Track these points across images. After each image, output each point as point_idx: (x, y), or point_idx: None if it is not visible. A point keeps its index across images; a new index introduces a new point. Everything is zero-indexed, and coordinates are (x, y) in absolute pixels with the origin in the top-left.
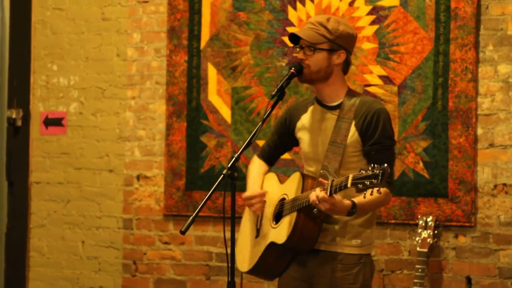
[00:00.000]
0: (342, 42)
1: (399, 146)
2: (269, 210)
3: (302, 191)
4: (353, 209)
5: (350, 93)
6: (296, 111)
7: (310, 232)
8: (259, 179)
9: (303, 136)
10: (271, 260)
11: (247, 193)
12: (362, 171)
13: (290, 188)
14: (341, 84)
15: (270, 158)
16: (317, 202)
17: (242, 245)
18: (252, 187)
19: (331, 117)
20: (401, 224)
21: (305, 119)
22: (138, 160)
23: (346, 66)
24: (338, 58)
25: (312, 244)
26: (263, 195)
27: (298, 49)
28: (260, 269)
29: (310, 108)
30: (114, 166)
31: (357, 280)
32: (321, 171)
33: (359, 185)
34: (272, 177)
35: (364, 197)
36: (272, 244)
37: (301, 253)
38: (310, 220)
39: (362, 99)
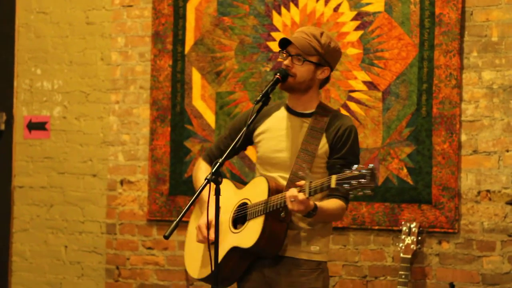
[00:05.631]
0: (330, 59)
1: (383, 152)
2: (225, 216)
3: (269, 195)
4: (314, 211)
5: (323, 105)
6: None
7: (277, 236)
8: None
9: (264, 141)
10: (230, 266)
11: (203, 221)
12: (346, 171)
13: (253, 192)
14: (316, 96)
15: None
16: (292, 201)
17: (194, 251)
18: (205, 214)
19: (302, 124)
20: (385, 230)
21: (269, 124)
22: (121, 164)
23: (325, 81)
24: (322, 74)
25: (278, 249)
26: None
27: (284, 55)
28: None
29: (275, 114)
30: (98, 170)
31: (316, 284)
32: (299, 172)
33: (345, 185)
34: (227, 183)
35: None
36: (235, 249)
37: (263, 258)
38: (277, 224)
39: (335, 113)
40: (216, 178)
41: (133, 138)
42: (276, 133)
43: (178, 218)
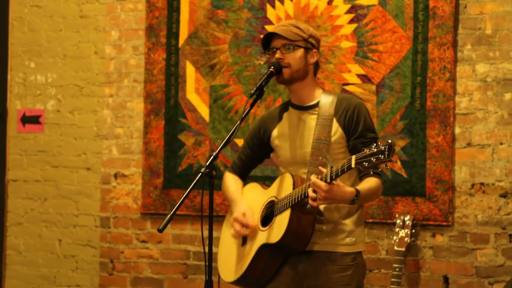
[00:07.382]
0: (315, 42)
1: None
2: (255, 217)
3: (294, 189)
4: (357, 197)
5: (326, 92)
6: (270, 120)
7: (304, 229)
8: (241, 193)
9: (281, 143)
10: (262, 265)
11: (238, 215)
12: (365, 149)
13: (279, 189)
14: (316, 84)
15: (243, 172)
16: (314, 191)
17: (227, 256)
18: (240, 206)
19: (310, 116)
20: (379, 223)
21: (282, 127)
22: (115, 158)
23: (316, 68)
24: (312, 58)
25: (306, 243)
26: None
27: (272, 51)
28: (249, 276)
29: (285, 115)
30: (92, 164)
31: (352, 281)
32: (320, 157)
33: (364, 163)
34: (254, 186)
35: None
36: (264, 246)
37: (293, 253)
38: (304, 217)
39: (340, 96)
40: (210, 172)
41: (127, 132)
42: (290, 133)
43: (172, 211)
